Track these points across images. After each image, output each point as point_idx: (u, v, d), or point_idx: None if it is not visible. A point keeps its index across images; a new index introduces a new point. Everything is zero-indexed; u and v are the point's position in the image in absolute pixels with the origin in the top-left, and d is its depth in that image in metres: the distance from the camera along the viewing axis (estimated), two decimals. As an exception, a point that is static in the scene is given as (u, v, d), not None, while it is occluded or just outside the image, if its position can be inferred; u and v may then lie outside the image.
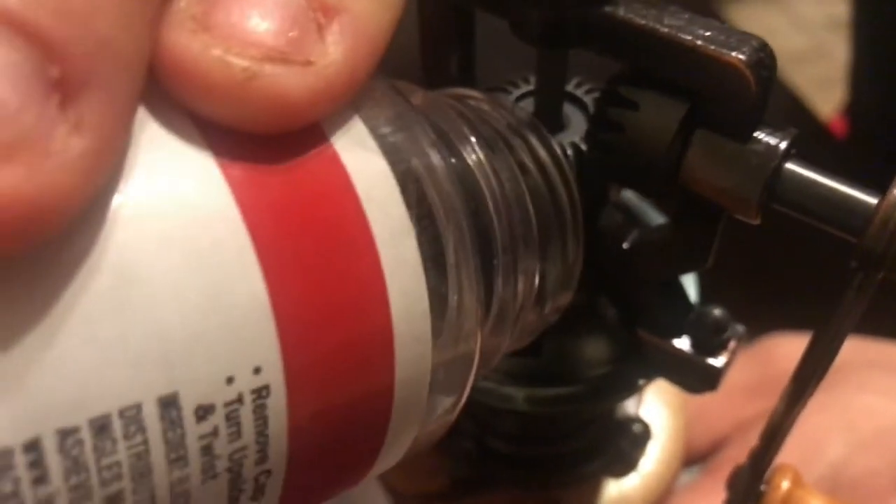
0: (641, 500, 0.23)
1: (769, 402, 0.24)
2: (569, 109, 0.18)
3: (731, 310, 0.18)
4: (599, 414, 0.22)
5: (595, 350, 0.19)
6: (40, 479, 0.09)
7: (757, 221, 0.15)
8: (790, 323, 0.27)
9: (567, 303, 0.18)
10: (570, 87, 0.18)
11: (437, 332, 0.13)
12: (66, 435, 0.09)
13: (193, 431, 0.10)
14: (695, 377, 0.19)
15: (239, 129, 0.10)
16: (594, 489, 0.23)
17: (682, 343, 0.18)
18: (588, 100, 0.17)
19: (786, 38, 0.45)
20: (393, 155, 0.12)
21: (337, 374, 0.11)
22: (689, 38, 0.14)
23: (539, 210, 0.15)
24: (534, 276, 0.16)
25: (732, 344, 0.18)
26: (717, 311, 0.18)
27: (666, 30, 0.14)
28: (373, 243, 0.11)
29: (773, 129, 0.15)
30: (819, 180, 0.14)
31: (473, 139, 0.15)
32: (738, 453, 0.19)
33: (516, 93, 0.18)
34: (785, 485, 0.19)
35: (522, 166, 0.15)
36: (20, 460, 0.09)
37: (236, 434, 0.10)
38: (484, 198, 0.14)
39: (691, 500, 0.24)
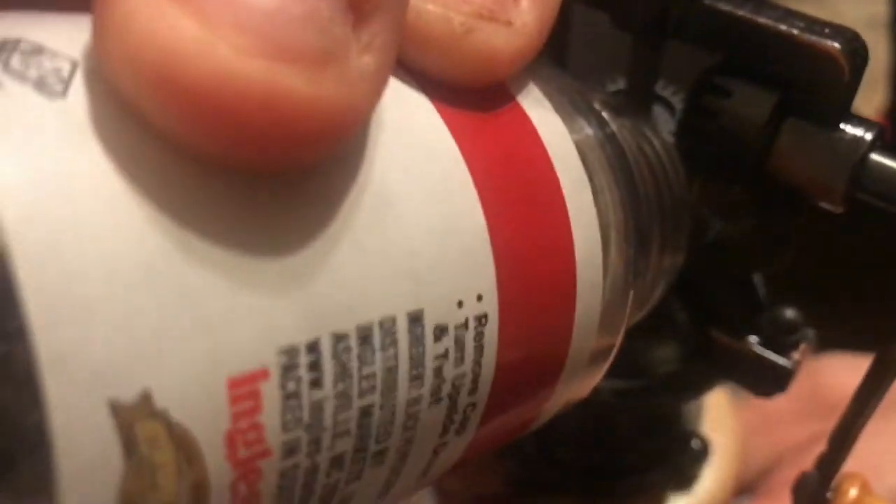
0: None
1: (819, 424, 0.24)
2: (656, 111, 0.19)
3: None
4: (660, 423, 0.23)
5: (665, 348, 0.20)
6: (316, 382, 0.09)
7: (841, 209, 0.16)
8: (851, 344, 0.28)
9: (666, 290, 0.18)
10: (656, 89, 0.19)
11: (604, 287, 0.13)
12: (339, 339, 0.09)
13: (431, 351, 0.10)
14: (765, 378, 0.19)
15: (449, 81, 0.11)
16: (653, 503, 0.23)
17: (754, 343, 0.19)
18: (675, 101, 0.18)
19: None
20: (563, 113, 0.13)
21: (534, 308, 0.12)
22: (786, 27, 0.15)
23: (659, 189, 0.16)
24: (660, 251, 0.16)
25: (803, 346, 0.19)
26: (789, 312, 0.19)
27: (764, 20, 0.15)
28: (561, 192, 0.12)
29: (860, 120, 0.15)
30: (902, 169, 0.15)
31: (613, 114, 0.16)
32: (794, 475, 0.19)
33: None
34: (853, 492, 0.19)
35: (642, 148, 0.16)
36: (303, 360, 0.09)
37: (460, 359, 0.11)
38: (629, 166, 0.15)
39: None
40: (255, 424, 0.09)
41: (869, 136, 0.15)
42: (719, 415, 0.24)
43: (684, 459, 0.23)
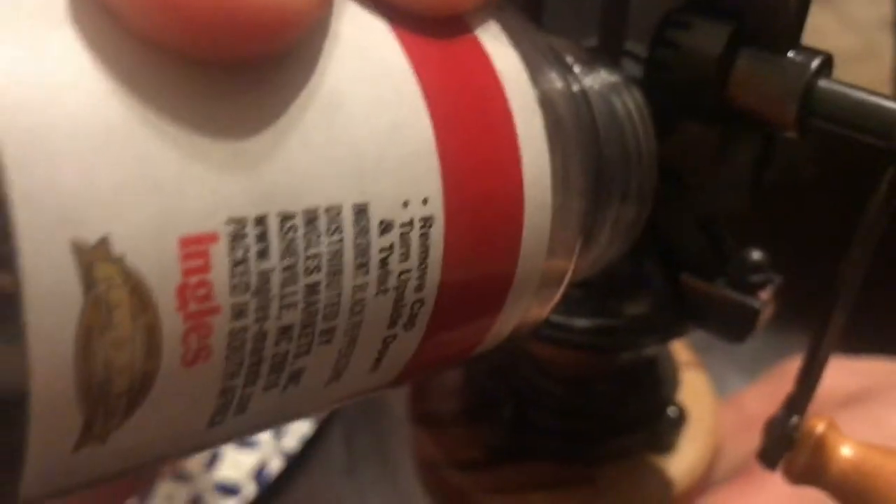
0: (674, 485, 0.23)
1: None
2: (628, 65, 0.20)
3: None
4: (636, 389, 0.23)
5: (636, 292, 0.21)
6: (263, 253, 0.10)
7: (795, 135, 0.17)
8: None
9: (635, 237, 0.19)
10: (628, 46, 0.20)
11: (554, 211, 0.14)
12: (286, 218, 0.11)
13: (376, 243, 0.12)
14: (733, 320, 0.20)
15: (409, 9, 0.12)
16: (629, 469, 0.23)
17: (722, 285, 0.20)
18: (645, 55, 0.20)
19: (836, 37, 0.46)
20: (521, 52, 0.14)
21: (481, 219, 0.13)
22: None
23: (625, 141, 0.18)
24: (620, 200, 0.18)
25: (770, 288, 0.20)
26: (755, 253, 0.20)
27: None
28: (510, 114, 0.13)
29: (809, 49, 0.17)
30: (850, 92, 0.16)
31: (578, 62, 0.17)
32: None
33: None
34: (820, 428, 0.19)
35: (611, 102, 0.18)
36: (251, 231, 0.10)
37: (405, 255, 0.12)
38: (593, 118, 0.17)
39: (729, 492, 0.24)
40: (204, 282, 0.10)
41: (816, 63, 0.17)
42: (698, 391, 0.25)
43: (661, 425, 0.23)
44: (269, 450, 0.34)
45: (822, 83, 0.17)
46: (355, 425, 0.37)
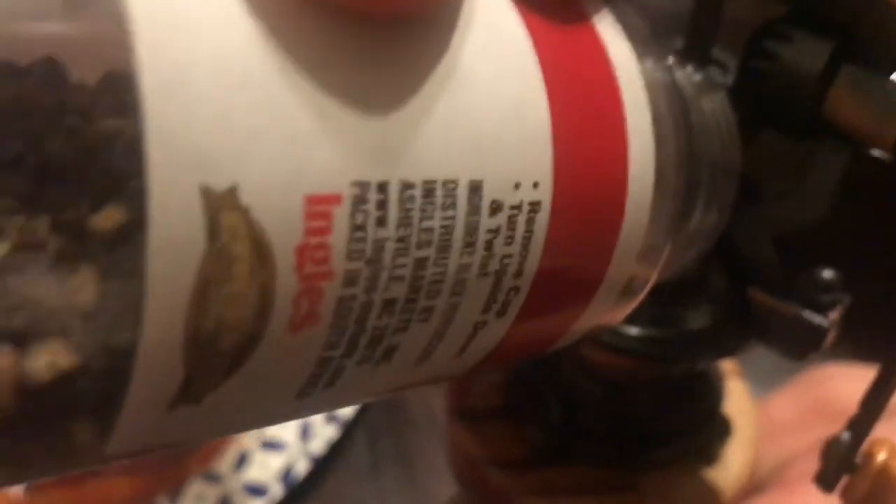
0: (719, 495, 0.23)
1: (828, 429, 0.24)
2: (713, 73, 0.19)
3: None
4: (683, 397, 0.23)
5: (699, 304, 0.20)
6: (381, 221, 0.10)
7: (891, 155, 0.17)
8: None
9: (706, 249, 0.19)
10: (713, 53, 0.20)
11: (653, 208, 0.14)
12: (407, 187, 0.10)
13: (486, 223, 0.11)
14: (800, 337, 0.19)
15: None
16: (674, 477, 0.23)
17: (791, 302, 0.19)
18: (731, 65, 0.19)
19: None
20: (633, 43, 0.14)
21: (585, 210, 0.13)
22: (849, -25, 0.16)
23: (711, 145, 0.17)
24: (705, 207, 0.17)
25: (840, 309, 0.19)
26: (827, 272, 0.19)
27: (827, -31, 0.16)
28: (622, 107, 0.13)
29: (914, 71, 0.16)
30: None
31: (679, 66, 0.17)
32: (812, 468, 0.20)
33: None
34: (882, 456, 0.19)
35: (701, 104, 0.17)
36: (373, 196, 0.10)
37: (510, 239, 0.12)
38: (689, 116, 0.16)
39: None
40: (323, 244, 0.10)
41: (920, 85, 0.16)
42: (741, 400, 0.25)
43: (707, 436, 0.23)
44: (296, 452, 0.35)
45: (924, 106, 0.16)
46: (379, 429, 0.38)
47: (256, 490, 0.33)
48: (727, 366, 0.25)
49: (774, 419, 0.31)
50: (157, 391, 0.09)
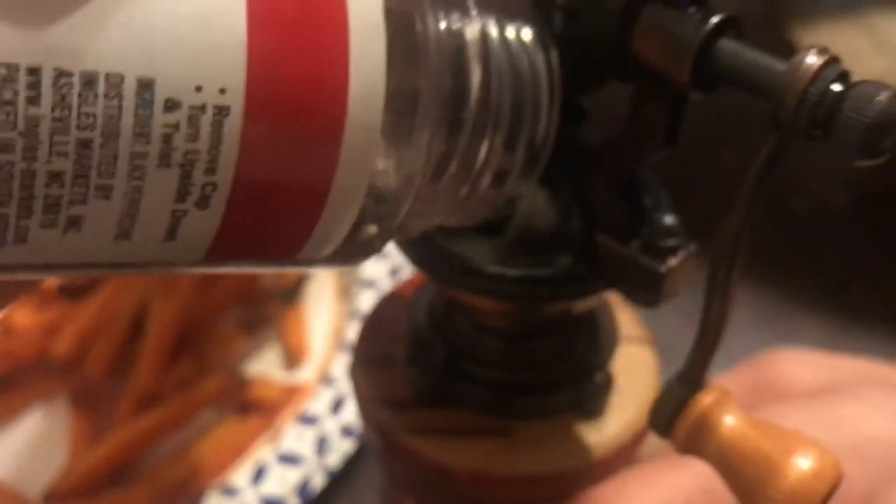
0: (593, 451, 0.23)
1: (767, 410, 0.24)
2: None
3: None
4: (567, 349, 0.23)
5: (561, 247, 0.21)
6: (33, 100, 0.12)
7: (690, 90, 0.17)
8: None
9: (526, 192, 0.20)
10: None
11: (388, 138, 0.15)
12: (62, 75, 0.12)
13: (160, 118, 0.12)
14: (639, 284, 0.20)
15: None
16: (549, 428, 0.23)
17: (634, 247, 0.20)
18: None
19: (868, 60, 0.46)
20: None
21: (291, 125, 0.14)
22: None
23: (518, 85, 0.18)
24: (500, 146, 0.18)
25: (681, 255, 0.19)
26: (668, 217, 0.19)
27: None
28: (347, 30, 0.14)
29: (712, 8, 0.17)
30: (745, 52, 0.16)
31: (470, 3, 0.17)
32: None
33: None
34: (707, 400, 0.19)
35: (506, 39, 0.18)
36: (22, 78, 0.11)
37: (193, 136, 0.13)
38: (467, 56, 0.17)
39: (651, 468, 0.23)
40: None
41: (715, 20, 0.16)
42: (638, 363, 0.25)
43: (588, 391, 0.23)
44: (313, 466, 0.35)
45: (723, 42, 0.16)
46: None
47: (274, 503, 0.34)
48: (632, 331, 0.25)
49: None
50: None
